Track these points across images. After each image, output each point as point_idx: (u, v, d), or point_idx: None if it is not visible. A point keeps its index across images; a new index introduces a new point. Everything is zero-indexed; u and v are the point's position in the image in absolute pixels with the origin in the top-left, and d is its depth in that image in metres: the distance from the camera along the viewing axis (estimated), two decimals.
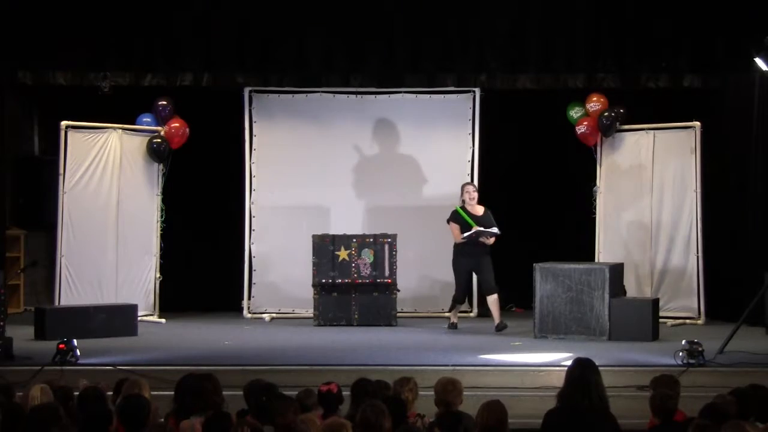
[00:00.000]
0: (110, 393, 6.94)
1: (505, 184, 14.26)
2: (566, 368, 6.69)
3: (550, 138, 14.09)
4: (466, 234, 12.14)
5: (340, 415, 6.49)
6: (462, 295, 12.50)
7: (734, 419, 5.98)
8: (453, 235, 12.36)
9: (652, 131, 13.33)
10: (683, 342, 9.63)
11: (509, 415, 6.13)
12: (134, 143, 13.24)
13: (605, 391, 6.50)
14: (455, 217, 12.32)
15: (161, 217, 13.35)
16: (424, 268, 13.95)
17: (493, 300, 12.17)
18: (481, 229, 12.11)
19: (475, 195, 12.37)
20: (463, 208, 12.32)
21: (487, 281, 12.23)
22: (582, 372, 6.47)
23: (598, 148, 13.57)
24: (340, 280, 12.78)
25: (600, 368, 9.27)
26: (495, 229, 12.15)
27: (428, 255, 13.86)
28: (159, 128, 13.31)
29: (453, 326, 12.43)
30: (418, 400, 6.94)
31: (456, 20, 12.92)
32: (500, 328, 11.98)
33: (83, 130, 12.88)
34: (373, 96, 14.02)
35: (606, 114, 13.31)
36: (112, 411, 6.09)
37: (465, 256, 12.30)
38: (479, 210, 12.33)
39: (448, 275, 13.85)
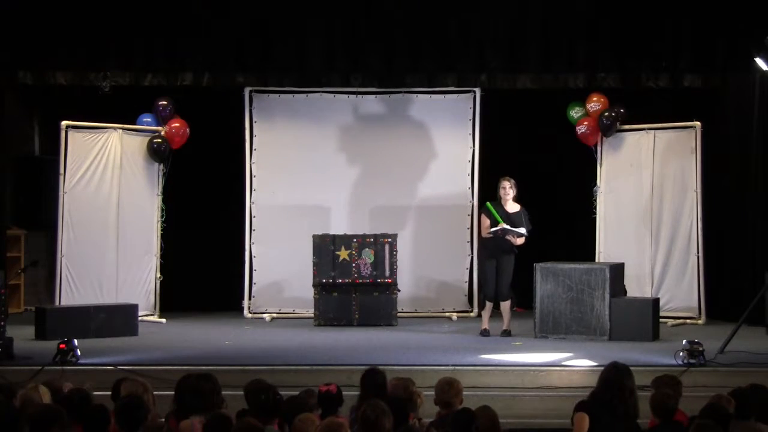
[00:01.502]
0: (108, 393, 6.93)
1: None
2: (601, 370, 6.75)
3: (550, 138, 14.08)
4: (492, 229, 11.83)
5: (340, 414, 6.49)
6: (490, 290, 12.01)
7: (736, 420, 5.99)
8: (482, 227, 12.16)
9: (652, 131, 13.33)
10: (684, 342, 9.65)
11: (510, 415, 6.13)
12: (135, 143, 13.25)
13: (637, 396, 6.54)
14: (486, 212, 12.06)
15: (162, 217, 13.35)
16: (425, 268, 13.94)
17: (504, 306, 12.01)
18: (507, 227, 11.77)
19: (510, 191, 12.00)
20: (494, 203, 12.02)
21: (501, 286, 11.92)
22: (613, 375, 6.52)
23: (599, 148, 13.58)
24: (340, 280, 12.78)
25: (600, 368, 9.29)
26: (522, 229, 11.81)
27: (429, 255, 13.87)
28: (159, 128, 13.32)
29: (485, 333, 11.92)
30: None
31: (456, 20, 12.91)
32: (504, 334, 11.86)
33: (84, 130, 12.89)
34: (373, 96, 14.02)
35: (606, 114, 13.31)
36: (108, 411, 6.09)
37: (487, 253, 12.10)
38: (514, 207, 12.01)
39: (448, 275, 13.91)
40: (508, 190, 11.99)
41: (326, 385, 6.80)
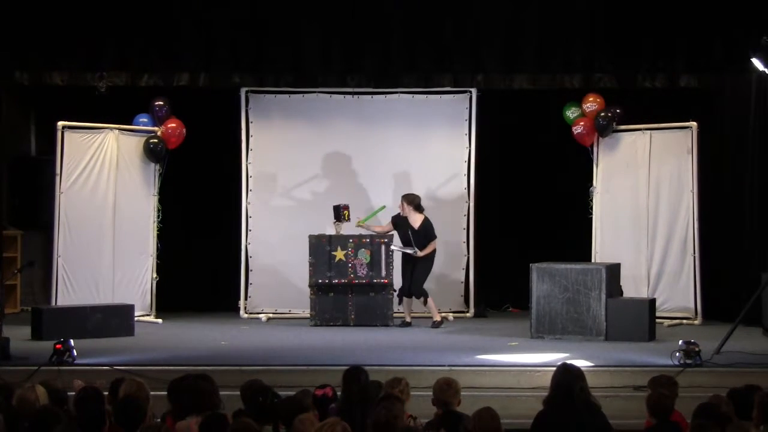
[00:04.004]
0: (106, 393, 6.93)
1: (502, 185, 14.27)
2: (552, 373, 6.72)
3: (546, 138, 14.08)
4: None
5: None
6: (403, 287, 12.84)
7: (734, 420, 5.99)
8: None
9: (648, 131, 13.33)
10: (680, 342, 9.64)
11: (506, 415, 6.12)
12: (131, 143, 13.24)
13: (590, 394, 6.50)
14: None
15: (158, 217, 13.35)
16: None
17: (424, 303, 12.76)
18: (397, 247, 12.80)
19: (403, 207, 12.74)
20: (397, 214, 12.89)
21: (413, 284, 12.71)
22: (563, 377, 6.49)
23: (595, 149, 13.58)
24: (336, 281, 12.78)
25: (597, 369, 9.37)
26: (408, 249, 12.64)
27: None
28: (156, 128, 13.31)
29: (404, 323, 12.82)
30: (417, 400, 6.92)
31: (452, 20, 12.90)
32: (434, 326, 12.61)
33: (80, 130, 12.88)
34: (369, 96, 14.01)
35: (602, 114, 13.31)
36: (105, 411, 6.09)
37: None
38: (416, 222, 12.70)
39: (444, 276, 13.91)
40: (403, 209, 12.76)
41: (321, 388, 6.79)
